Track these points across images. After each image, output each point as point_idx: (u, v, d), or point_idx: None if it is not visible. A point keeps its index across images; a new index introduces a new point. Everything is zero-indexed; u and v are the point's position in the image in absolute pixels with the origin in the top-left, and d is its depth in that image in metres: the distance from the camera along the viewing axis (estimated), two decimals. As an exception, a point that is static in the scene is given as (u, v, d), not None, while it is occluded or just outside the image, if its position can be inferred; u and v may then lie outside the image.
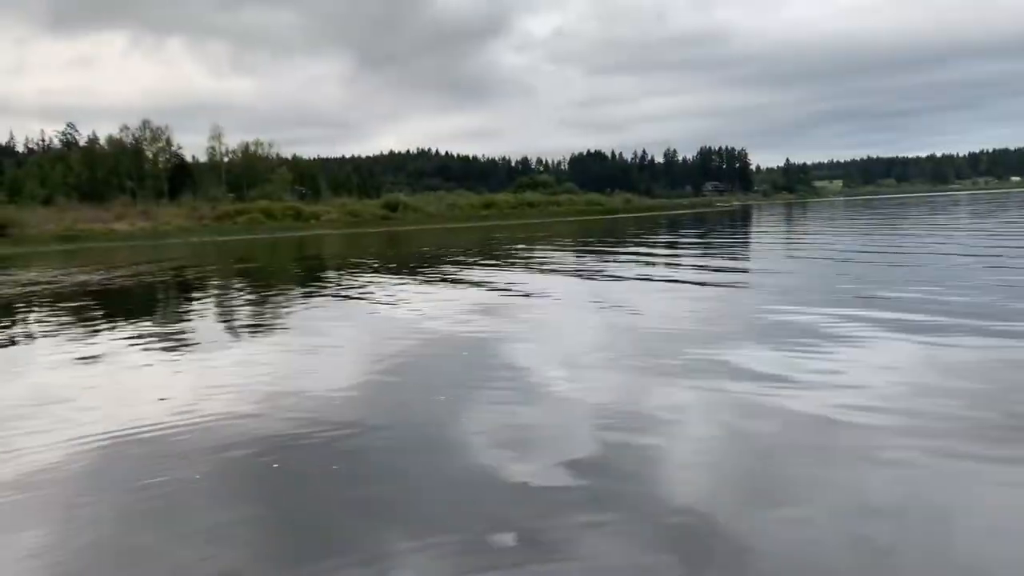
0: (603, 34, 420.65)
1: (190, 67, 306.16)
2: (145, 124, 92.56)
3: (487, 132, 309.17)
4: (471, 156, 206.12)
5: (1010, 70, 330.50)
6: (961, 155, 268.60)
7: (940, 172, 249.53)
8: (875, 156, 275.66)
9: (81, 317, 14.31)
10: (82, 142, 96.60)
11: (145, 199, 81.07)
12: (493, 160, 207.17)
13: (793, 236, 33.40)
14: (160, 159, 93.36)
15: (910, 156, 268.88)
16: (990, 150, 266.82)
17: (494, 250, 30.87)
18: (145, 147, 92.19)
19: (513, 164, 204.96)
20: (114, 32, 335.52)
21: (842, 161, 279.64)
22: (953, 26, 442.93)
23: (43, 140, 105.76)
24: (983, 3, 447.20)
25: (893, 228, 34.50)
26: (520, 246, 33.25)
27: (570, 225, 62.41)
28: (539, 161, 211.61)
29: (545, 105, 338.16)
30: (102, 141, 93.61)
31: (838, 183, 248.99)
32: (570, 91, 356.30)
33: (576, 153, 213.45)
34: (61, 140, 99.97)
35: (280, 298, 16.36)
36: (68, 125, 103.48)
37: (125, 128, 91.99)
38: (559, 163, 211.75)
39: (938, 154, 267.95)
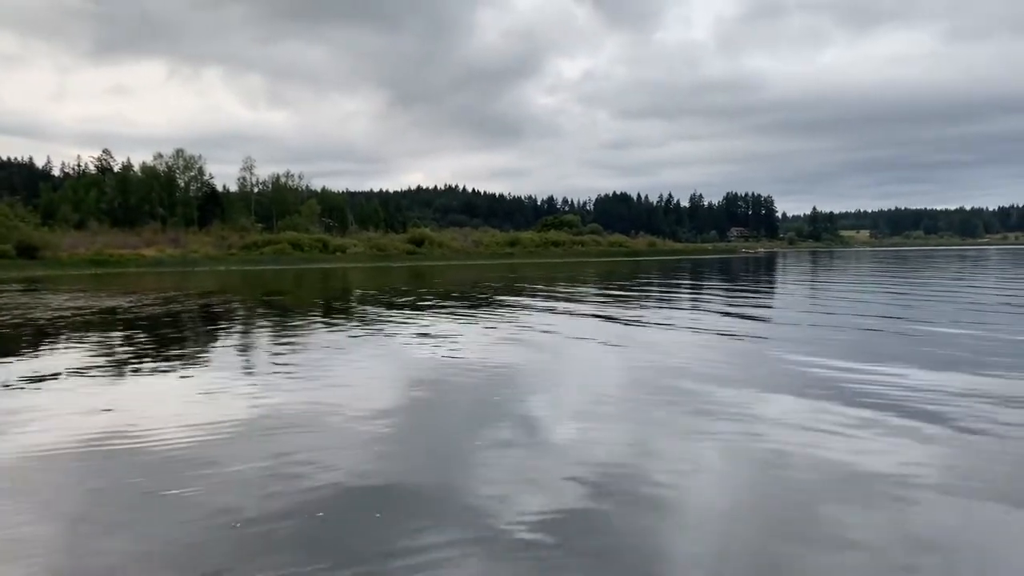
0: (633, 78, 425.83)
1: (225, 98, 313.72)
2: (179, 153, 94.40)
3: (514, 171, 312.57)
4: (497, 194, 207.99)
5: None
6: (991, 208, 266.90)
7: (969, 225, 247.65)
8: (903, 207, 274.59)
9: (108, 345, 14.38)
10: (117, 168, 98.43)
11: (175, 226, 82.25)
12: (519, 199, 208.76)
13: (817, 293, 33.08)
14: (192, 187, 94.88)
15: (939, 208, 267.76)
16: (1020, 204, 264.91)
17: (520, 290, 30.82)
18: (178, 175, 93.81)
19: (539, 203, 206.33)
20: (153, 62, 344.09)
21: (870, 211, 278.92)
22: (989, 80, 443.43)
23: (79, 165, 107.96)
24: (1020, 57, 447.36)
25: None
26: (541, 286, 33.20)
27: (594, 266, 62.36)
28: (565, 201, 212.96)
29: (573, 146, 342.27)
30: (136, 168, 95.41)
31: (865, 233, 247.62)
32: (598, 133, 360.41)
33: (602, 194, 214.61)
34: (96, 166, 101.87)
35: (310, 333, 16.33)
36: (104, 151, 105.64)
37: (159, 156, 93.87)
38: (584, 204, 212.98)
39: (967, 207, 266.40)
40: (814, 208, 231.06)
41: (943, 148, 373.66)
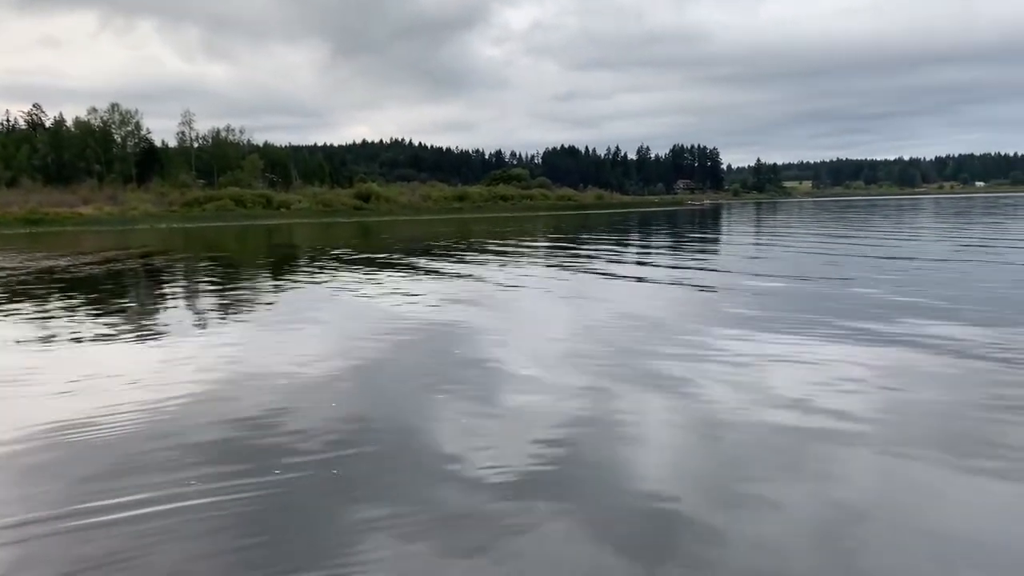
0: (581, 29, 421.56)
1: (161, 50, 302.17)
2: (114, 107, 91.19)
3: (461, 124, 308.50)
4: (445, 148, 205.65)
5: (983, 77, 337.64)
6: (928, 159, 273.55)
7: (907, 175, 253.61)
8: (845, 158, 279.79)
9: (48, 305, 14.15)
10: (48, 123, 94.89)
11: (113, 183, 79.84)
12: (467, 152, 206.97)
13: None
14: (129, 143, 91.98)
15: (879, 159, 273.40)
16: (956, 155, 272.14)
17: (467, 247, 30.91)
18: (113, 130, 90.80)
19: (487, 157, 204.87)
20: (84, 12, 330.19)
21: (812, 162, 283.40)
22: (930, 32, 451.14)
23: (8, 120, 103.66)
24: (960, 10, 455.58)
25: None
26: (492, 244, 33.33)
27: (543, 220, 62.63)
28: (513, 155, 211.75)
29: (520, 99, 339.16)
30: (69, 123, 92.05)
31: (807, 184, 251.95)
32: (546, 85, 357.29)
33: (550, 148, 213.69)
34: (27, 121, 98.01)
35: (255, 293, 16.27)
36: (34, 106, 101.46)
37: (93, 110, 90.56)
38: (533, 157, 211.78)
39: (906, 157, 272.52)
40: (758, 159, 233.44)
41: (884, 99, 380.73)
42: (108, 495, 4.77)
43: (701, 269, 18.97)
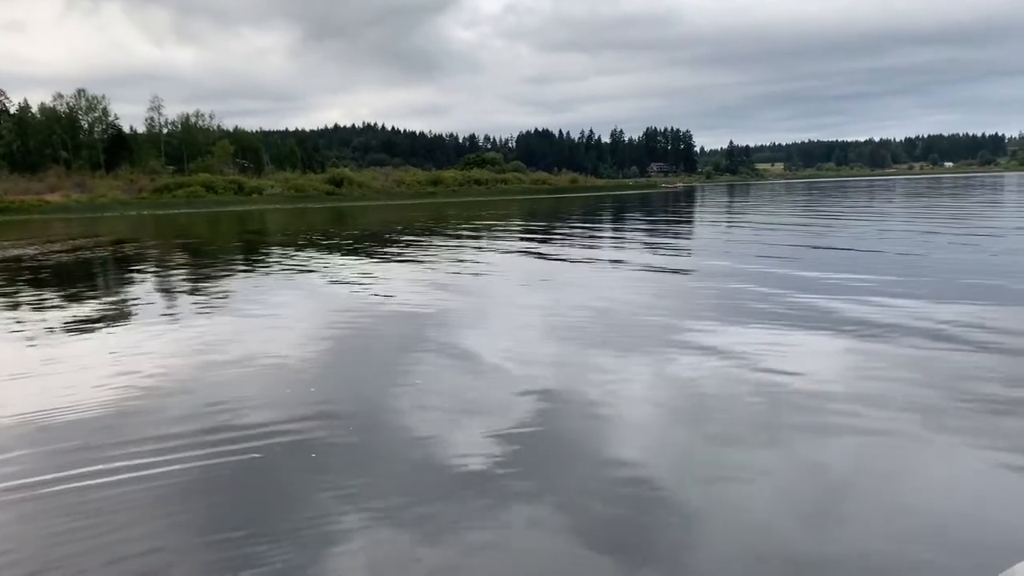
0: (554, 11, 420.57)
1: (128, 34, 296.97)
2: (80, 92, 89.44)
3: (435, 108, 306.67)
4: (418, 132, 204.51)
5: (953, 58, 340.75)
6: (898, 140, 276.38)
7: (878, 156, 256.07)
8: (816, 139, 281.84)
9: (18, 294, 14.05)
10: (13, 110, 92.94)
11: (80, 170, 78.56)
12: (440, 136, 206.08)
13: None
14: (96, 129, 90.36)
15: (849, 140, 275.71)
16: (926, 135, 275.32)
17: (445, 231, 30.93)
18: (80, 116, 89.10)
19: (460, 141, 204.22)
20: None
21: (784, 144, 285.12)
22: (899, 13, 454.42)
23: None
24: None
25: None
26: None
27: (517, 204, 62.64)
28: (487, 138, 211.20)
29: (494, 82, 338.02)
30: (34, 109, 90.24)
31: (779, 166, 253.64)
32: (519, 68, 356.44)
33: (524, 131, 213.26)
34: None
35: (229, 284, 16.24)
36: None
37: (59, 96, 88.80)
38: (507, 141, 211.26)
39: (876, 139, 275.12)
40: (731, 142, 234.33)
41: (855, 80, 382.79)
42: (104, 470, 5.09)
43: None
